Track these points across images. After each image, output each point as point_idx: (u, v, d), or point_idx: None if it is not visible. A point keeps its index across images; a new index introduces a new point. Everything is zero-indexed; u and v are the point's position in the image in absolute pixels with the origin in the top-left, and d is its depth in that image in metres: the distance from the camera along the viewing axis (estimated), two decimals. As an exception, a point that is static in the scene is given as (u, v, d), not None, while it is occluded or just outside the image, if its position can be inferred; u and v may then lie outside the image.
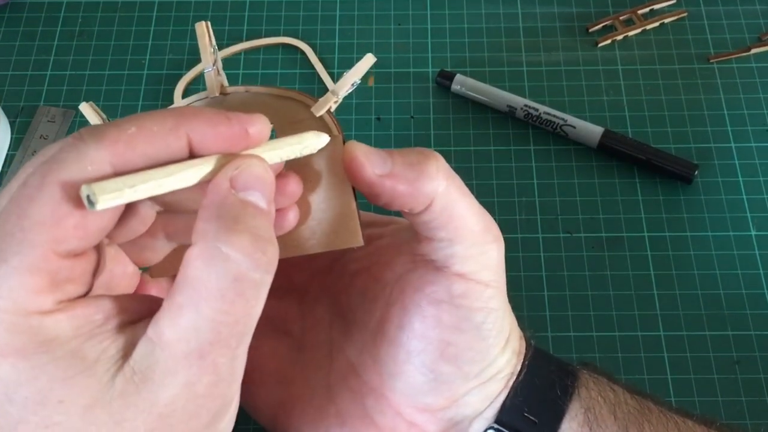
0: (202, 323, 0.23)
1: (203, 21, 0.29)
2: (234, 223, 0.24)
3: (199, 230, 0.24)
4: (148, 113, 0.24)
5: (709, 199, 0.51)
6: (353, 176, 0.28)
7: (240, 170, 0.25)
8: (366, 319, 0.33)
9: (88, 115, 0.30)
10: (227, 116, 0.25)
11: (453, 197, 0.29)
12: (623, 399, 0.34)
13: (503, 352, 0.32)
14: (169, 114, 0.24)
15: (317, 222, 0.30)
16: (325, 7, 0.59)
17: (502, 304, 0.32)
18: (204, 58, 0.28)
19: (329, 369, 0.34)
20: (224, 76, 0.30)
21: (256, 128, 0.26)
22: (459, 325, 0.31)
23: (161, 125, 0.24)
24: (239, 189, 0.25)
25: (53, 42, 0.58)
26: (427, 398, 0.32)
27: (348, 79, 0.29)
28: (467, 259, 0.30)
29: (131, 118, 0.24)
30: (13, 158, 0.53)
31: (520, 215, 0.50)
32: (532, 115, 0.53)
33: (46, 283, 0.22)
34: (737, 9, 0.59)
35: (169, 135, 0.24)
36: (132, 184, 0.23)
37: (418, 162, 0.29)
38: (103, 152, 0.23)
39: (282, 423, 0.34)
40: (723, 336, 0.46)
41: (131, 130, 0.23)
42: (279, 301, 0.35)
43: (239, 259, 0.23)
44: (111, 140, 0.23)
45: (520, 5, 0.59)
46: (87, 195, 0.22)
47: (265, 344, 0.35)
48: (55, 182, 0.22)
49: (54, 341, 0.22)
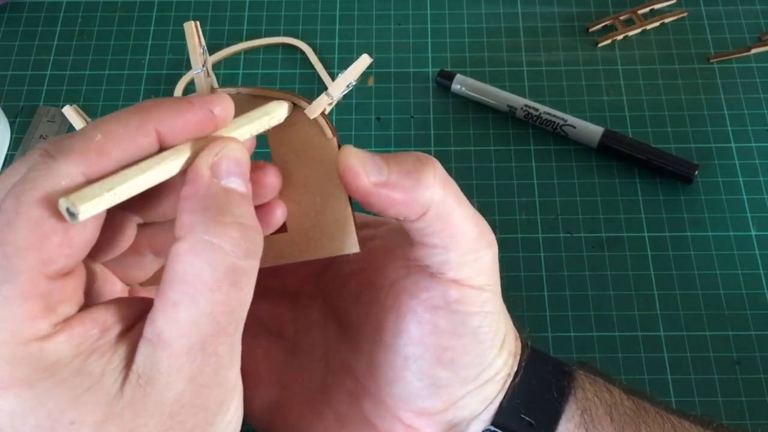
0: (201, 317, 0.23)
1: (192, 21, 0.28)
2: (221, 215, 0.24)
3: (185, 223, 0.24)
4: (112, 115, 0.24)
5: (710, 199, 0.51)
6: (348, 185, 0.28)
7: (220, 156, 0.25)
8: (361, 323, 0.33)
9: (72, 118, 0.29)
10: (190, 101, 0.25)
11: (449, 205, 0.29)
12: (620, 400, 0.34)
13: (500, 354, 0.32)
14: (133, 112, 0.24)
15: (312, 228, 0.30)
16: (325, 7, 0.59)
17: (498, 307, 0.32)
18: (193, 59, 0.28)
19: (325, 372, 0.34)
20: (214, 78, 0.29)
21: (220, 108, 0.25)
22: (456, 330, 0.31)
23: (127, 126, 0.23)
24: (221, 177, 0.25)
25: (53, 42, 0.58)
26: (425, 403, 0.32)
27: (343, 80, 0.28)
28: (462, 266, 0.30)
29: (96, 124, 0.23)
30: (12, 158, 0.53)
31: (520, 215, 0.50)
32: (532, 115, 0.53)
33: (40, 308, 0.22)
34: (737, 9, 0.59)
35: (137, 134, 0.23)
36: (110, 187, 0.22)
37: (415, 170, 0.28)
38: (74, 165, 0.22)
39: (277, 426, 0.34)
40: (723, 336, 0.46)
41: (98, 137, 0.23)
42: (271, 303, 0.35)
43: (230, 250, 0.23)
44: (80, 151, 0.22)
45: (520, 5, 0.59)
46: (67, 208, 0.21)
47: (258, 347, 0.35)
48: (31, 202, 0.22)
49: (56, 364, 0.22)
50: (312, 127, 0.29)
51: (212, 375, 0.24)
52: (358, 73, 0.28)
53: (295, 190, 0.30)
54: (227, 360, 0.24)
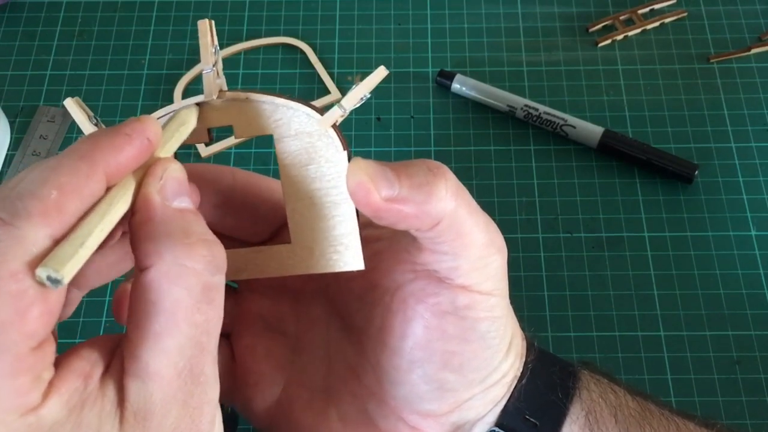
0: (185, 342, 0.23)
1: (207, 18, 0.28)
2: (186, 237, 0.24)
3: (149, 251, 0.23)
4: (54, 165, 0.23)
5: (710, 199, 0.51)
6: (358, 201, 0.27)
7: (164, 180, 0.25)
8: (365, 325, 0.33)
9: (73, 111, 0.29)
10: (127, 134, 0.24)
11: (461, 216, 0.28)
12: (624, 401, 0.34)
13: (506, 357, 0.32)
14: (79, 159, 0.23)
15: (316, 241, 0.29)
16: (325, 7, 0.59)
17: (506, 311, 0.32)
18: (204, 57, 0.27)
19: (327, 371, 0.34)
20: (224, 79, 0.29)
21: (153, 133, 0.25)
22: (464, 335, 0.30)
23: (77, 176, 0.23)
24: (171, 199, 0.25)
25: (53, 42, 0.58)
26: (430, 405, 0.32)
27: (358, 92, 0.27)
28: (471, 272, 0.29)
29: (44, 179, 0.22)
30: (12, 158, 0.53)
31: (520, 215, 0.50)
32: (532, 115, 0.53)
33: (29, 381, 0.21)
34: (737, 9, 0.59)
35: (88, 183, 0.23)
36: (80, 242, 0.22)
37: (427, 182, 0.27)
38: (39, 229, 0.22)
39: (279, 426, 0.34)
40: (723, 336, 0.46)
41: (53, 195, 0.22)
42: (272, 301, 0.35)
43: (203, 269, 0.24)
44: (41, 214, 0.22)
45: (520, 5, 0.59)
46: (47, 276, 0.21)
47: (259, 344, 0.34)
48: (7, 277, 0.21)
49: (54, 427, 0.22)
50: (322, 139, 0.28)
51: (201, 395, 0.24)
52: (374, 85, 0.27)
53: (300, 201, 0.29)
54: (212, 378, 0.24)
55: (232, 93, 0.28)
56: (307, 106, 0.28)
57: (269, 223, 0.33)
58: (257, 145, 0.53)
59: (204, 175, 0.32)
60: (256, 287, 0.35)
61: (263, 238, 0.34)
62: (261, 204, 0.33)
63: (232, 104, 0.29)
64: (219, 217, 0.32)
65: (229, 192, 0.32)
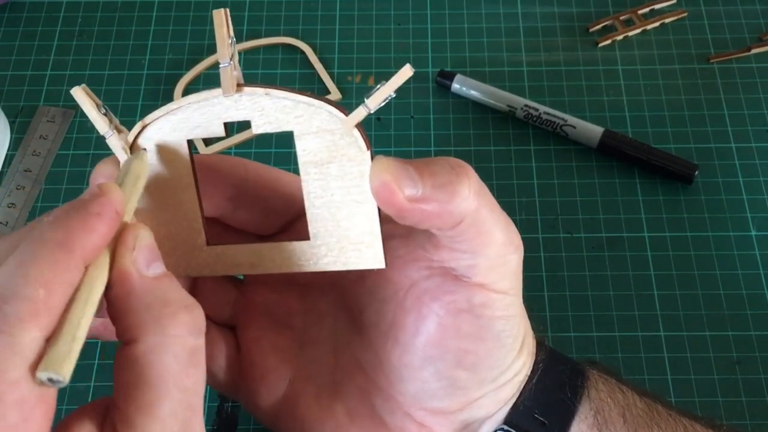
0: (177, 406, 0.24)
1: (222, 8, 0.26)
2: (166, 306, 0.24)
3: (132, 325, 0.24)
4: (32, 258, 0.22)
5: (710, 199, 0.51)
6: (382, 201, 0.27)
7: (137, 249, 0.25)
8: (375, 320, 0.32)
9: (81, 100, 0.28)
10: (98, 213, 0.24)
11: (482, 215, 0.28)
12: (633, 401, 0.34)
13: (519, 355, 0.32)
14: (56, 248, 0.23)
15: (336, 239, 0.29)
16: (325, 7, 0.59)
17: (520, 309, 0.32)
18: (220, 51, 0.26)
19: (334, 365, 0.34)
20: (241, 73, 0.28)
21: (119, 203, 0.25)
22: (479, 334, 0.30)
23: (59, 269, 0.23)
24: (146, 269, 0.25)
25: (53, 42, 0.58)
26: (441, 403, 0.32)
27: (383, 92, 0.27)
28: (489, 271, 0.29)
29: (26, 278, 0.22)
30: (12, 158, 0.53)
31: (520, 215, 0.50)
32: (532, 115, 0.53)
33: None
34: (737, 9, 0.59)
35: (71, 273, 0.23)
36: (72, 337, 0.22)
37: (450, 182, 0.27)
38: (33, 332, 0.22)
39: (285, 420, 0.34)
40: (723, 336, 0.46)
41: (40, 293, 0.22)
42: (279, 294, 0.35)
43: (186, 335, 0.24)
44: (32, 317, 0.22)
45: (520, 5, 0.59)
46: (48, 378, 0.21)
47: (265, 338, 0.34)
48: (8, 388, 0.21)
49: None
50: (344, 138, 0.28)
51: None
52: (399, 84, 0.26)
53: (320, 198, 0.29)
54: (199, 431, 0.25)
55: (251, 88, 0.28)
56: (329, 104, 0.28)
57: (280, 216, 0.33)
58: (257, 145, 0.53)
59: (217, 167, 0.32)
60: (263, 279, 0.35)
61: (273, 231, 0.34)
62: (272, 197, 0.33)
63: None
64: (231, 209, 0.32)
65: (242, 184, 0.32)
